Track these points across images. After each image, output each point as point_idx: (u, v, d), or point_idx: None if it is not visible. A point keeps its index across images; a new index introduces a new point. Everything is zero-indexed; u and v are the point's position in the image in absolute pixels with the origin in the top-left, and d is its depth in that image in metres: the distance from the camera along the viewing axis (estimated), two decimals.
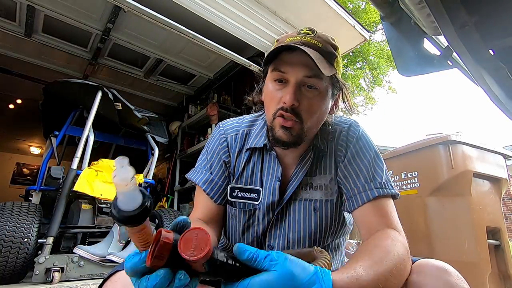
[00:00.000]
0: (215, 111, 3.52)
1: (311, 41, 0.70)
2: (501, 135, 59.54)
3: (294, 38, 0.72)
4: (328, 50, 0.71)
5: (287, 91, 0.69)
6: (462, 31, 0.50)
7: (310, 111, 0.70)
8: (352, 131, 0.80)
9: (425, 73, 0.79)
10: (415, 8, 0.56)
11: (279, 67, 0.71)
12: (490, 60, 0.55)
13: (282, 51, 0.71)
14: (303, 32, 0.73)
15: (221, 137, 0.86)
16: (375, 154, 0.78)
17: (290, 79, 0.70)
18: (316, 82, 0.69)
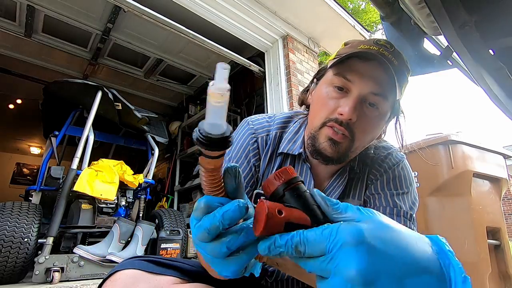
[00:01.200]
0: None
1: (389, 56, 0.62)
2: (501, 135, 59.62)
3: (369, 47, 0.63)
4: (402, 72, 0.64)
5: (347, 103, 0.61)
6: (462, 31, 0.50)
7: (365, 130, 0.63)
8: (394, 157, 0.74)
9: (425, 73, 0.79)
10: (415, 8, 0.56)
11: (345, 74, 0.63)
12: (490, 60, 0.55)
13: (354, 57, 0.62)
14: (380, 43, 0.64)
15: (252, 136, 0.76)
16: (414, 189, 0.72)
17: (354, 91, 0.62)
18: (380, 101, 0.62)
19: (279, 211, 0.33)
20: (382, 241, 0.29)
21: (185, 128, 4.20)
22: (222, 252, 0.33)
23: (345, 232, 0.29)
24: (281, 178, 0.36)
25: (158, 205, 3.95)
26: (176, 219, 2.56)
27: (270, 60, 3.05)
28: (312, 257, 0.31)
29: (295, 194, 0.35)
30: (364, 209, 0.33)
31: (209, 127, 0.31)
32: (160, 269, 0.61)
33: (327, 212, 0.34)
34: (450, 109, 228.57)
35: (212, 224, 0.33)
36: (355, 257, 0.27)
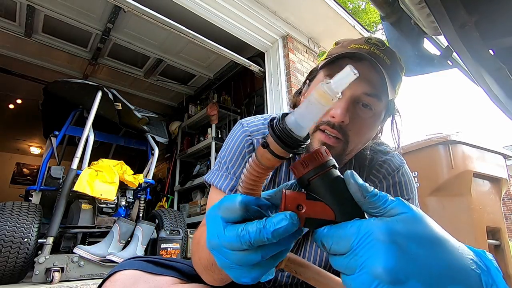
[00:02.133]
0: (215, 111, 3.52)
1: (380, 55, 0.61)
2: (501, 135, 59.62)
3: (360, 47, 0.62)
4: (395, 71, 0.63)
5: (339, 105, 0.59)
6: (462, 31, 0.50)
7: (359, 132, 0.62)
8: (394, 162, 0.72)
9: (425, 73, 0.79)
10: (415, 8, 0.56)
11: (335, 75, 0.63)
12: (490, 60, 0.55)
13: (345, 57, 0.61)
14: (372, 42, 0.63)
15: (247, 138, 0.74)
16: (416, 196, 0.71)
17: (346, 92, 0.60)
18: (374, 102, 0.61)
19: (299, 206, 0.31)
20: (418, 243, 0.27)
21: (185, 128, 4.21)
22: (254, 261, 0.31)
23: (376, 228, 0.28)
24: (306, 166, 0.32)
25: (158, 205, 3.95)
26: (176, 219, 2.56)
27: (270, 60, 3.05)
28: (338, 254, 0.30)
29: (324, 183, 0.32)
30: (407, 203, 0.30)
31: (294, 125, 0.28)
32: (160, 269, 0.61)
33: (362, 204, 0.31)
34: (450, 109, 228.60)
35: (258, 238, 0.29)
36: (384, 254, 0.26)
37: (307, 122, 0.28)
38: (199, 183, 3.56)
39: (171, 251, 2.31)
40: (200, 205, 3.60)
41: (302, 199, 0.32)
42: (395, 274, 0.26)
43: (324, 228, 0.31)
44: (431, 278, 0.26)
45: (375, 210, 0.30)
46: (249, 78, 3.61)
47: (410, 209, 0.29)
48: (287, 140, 0.28)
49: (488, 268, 0.28)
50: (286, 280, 0.74)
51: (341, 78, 0.27)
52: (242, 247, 0.30)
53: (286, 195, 0.31)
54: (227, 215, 0.32)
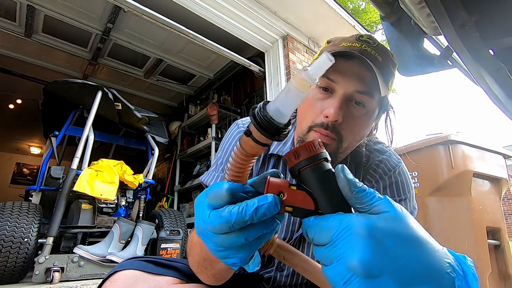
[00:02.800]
0: (215, 111, 3.52)
1: (372, 52, 0.61)
2: (501, 135, 59.58)
3: (351, 45, 0.62)
4: (387, 67, 0.63)
5: (332, 104, 0.59)
6: (462, 31, 0.50)
7: (352, 130, 0.62)
8: (390, 162, 0.72)
9: (425, 73, 0.79)
10: (415, 8, 0.56)
11: (328, 74, 0.61)
12: (490, 60, 0.55)
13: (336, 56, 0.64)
14: (363, 39, 0.63)
15: None
16: (413, 195, 0.71)
17: (338, 90, 0.60)
18: (366, 99, 0.61)
19: (281, 193, 0.32)
20: (396, 241, 0.28)
21: (185, 128, 4.21)
22: (238, 243, 0.32)
23: (357, 223, 0.28)
24: (298, 156, 0.33)
25: (158, 205, 3.95)
26: (176, 219, 2.56)
27: (270, 60, 3.05)
28: (319, 245, 0.31)
29: (313, 174, 0.32)
30: (393, 203, 0.30)
31: (275, 113, 0.29)
32: (160, 269, 0.61)
33: (349, 198, 0.31)
34: (450, 109, 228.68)
35: (239, 218, 0.31)
36: (360, 248, 0.27)
37: (287, 109, 0.29)
38: (199, 183, 3.56)
39: (171, 251, 2.31)
40: None
41: (284, 187, 0.33)
42: (369, 268, 0.26)
43: (309, 219, 0.32)
44: (404, 276, 0.26)
45: (361, 206, 0.30)
46: (249, 78, 3.61)
47: (394, 208, 0.30)
48: (268, 127, 0.29)
49: (464, 274, 0.29)
50: (285, 280, 0.74)
51: (317, 65, 0.28)
52: (224, 229, 0.31)
53: (270, 181, 0.33)
54: (214, 201, 0.33)
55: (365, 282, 0.26)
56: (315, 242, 0.31)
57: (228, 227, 0.31)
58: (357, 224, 0.28)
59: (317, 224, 0.31)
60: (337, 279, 0.28)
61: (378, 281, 0.26)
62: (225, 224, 0.31)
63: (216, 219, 0.32)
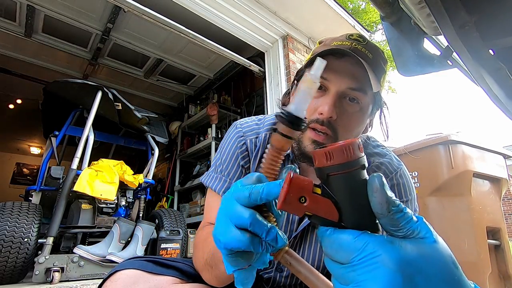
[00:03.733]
0: (215, 111, 3.52)
1: (362, 50, 0.62)
2: (501, 135, 59.61)
3: (342, 43, 0.64)
4: (378, 64, 0.64)
5: (326, 101, 0.61)
6: (462, 31, 0.50)
7: (347, 127, 0.63)
8: (391, 165, 0.72)
9: (425, 73, 0.79)
10: (415, 8, 0.56)
11: None
12: (490, 60, 0.55)
13: (328, 55, 0.62)
14: (353, 38, 0.65)
15: (240, 139, 0.75)
16: (414, 198, 0.71)
17: (331, 88, 0.62)
18: (359, 96, 0.62)
19: (302, 197, 0.29)
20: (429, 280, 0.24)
21: (185, 128, 4.20)
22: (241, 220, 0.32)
23: (385, 253, 0.24)
24: (331, 158, 0.28)
25: (158, 205, 3.95)
26: (176, 219, 2.56)
27: (270, 60, 3.05)
28: (334, 260, 0.28)
29: (345, 184, 0.28)
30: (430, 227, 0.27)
31: (294, 108, 0.34)
32: (160, 269, 0.61)
33: (381, 217, 0.27)
34: (450, 109, 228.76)
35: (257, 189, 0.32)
36: (385, 282, 0.23)
37: (303, 105, 0.35)
38: (199, 183, 3.55)
39: (171, 251, 2.31)
40: (200, 205, 3.60)
41: (308, 190, 0.29)
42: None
43: (327, 230, 0.29)
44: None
45: (394, 229, 0.26)
46: (249, 78, 3.60)
47: (433, 235, 0.26)
48: (290, 120, 0.34)
49: None
50: (284, 281, 0.74)
51: (316, 68, 0.35)
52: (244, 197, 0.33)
53: (292, 180, 0.29)
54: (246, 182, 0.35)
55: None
56: (330, 257, 0.28)
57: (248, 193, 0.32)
58: (386, 254, 0.24)
59: (336, 238, 0.27)
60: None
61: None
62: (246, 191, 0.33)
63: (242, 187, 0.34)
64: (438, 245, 0.26)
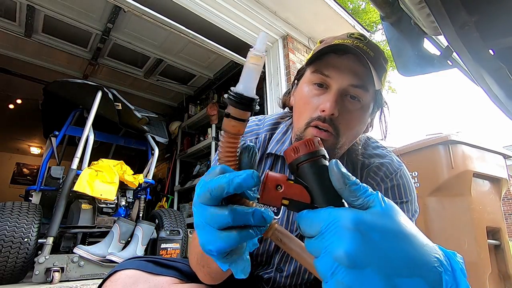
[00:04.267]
0: (215, 111, 3.52)
1: (364, 47, 0.62)
2: (501, 135, 59.67)
3: (343, 41, 0.63)
4: (379, 62, 0.64)
5: (327, 98, 0.60)
6: (462, 31, 0.50)
7: (349, 125, 0.62)
8: (391, 166, 0.72)
9: (425, 73, 0.79)
10: (415, 8, 0.56)
11: (322, 70, 0.62)
12: (490, 60, 0.55)
13: (330, 52, 0.62)
14: (354, 36, 0.64)
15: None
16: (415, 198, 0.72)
17: (333, 85, 0.61)
18: (361, 93, 0.62)
19: (278, 185, 0.34)
20: (382, 235, 0.28)
21: (185, 128, 4.21)
22: (222, 221, 0.31)
23: (345, 216, 0.29)
24: (297, 152, 0.35)
25: (158, 205, 3.95)
26: (176, 219, 2.56)
27: (270, 60, 3.05)
28: (310, 237, 0.31)
29: (310, 170, 0.34)
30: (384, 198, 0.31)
31: (242, 88, 0.33)
32: (160, 269, 0.61)
33: (342, 192, 0.32)
34: (450, 109, 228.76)
35: (218, 184, 0.31)
36: (347, 239, 0.27)
37: (252, 83, 0.33)
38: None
39: (171, 251, 2.31)
40: None
41: (283, 180, 0.34)
42: (354, 259, 0.27)
43: (303, 212, 0.33)
44: (389, 268, 0.27)
45: (354, 199, 0.31)
46: None
47: (381, 203, 0.31)
48: (242, 102, 0.32)
49: (453, 269, 0.29)
50: (284, 281, 0.74)
51: (260, 41, 0.33)
52: (206, 197, 0.32)
53: (268, 174, 0.34)
54: (209, 179, 0.34)
55: (350, 272, 0.27)
56: (306, 234, 0.32)
57: (209, 194, 0.31)
58: (344, 217, 0.29)
59: (309, 216, 0.32)
60: (325, 271, 0.28)
61: (363, 272, 0.27)
62: (205, 191, 0.32)
63: (202, 186, 0.33)
64: (389, 209, 0.30)
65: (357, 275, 0.27)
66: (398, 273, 0.27)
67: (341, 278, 0.27)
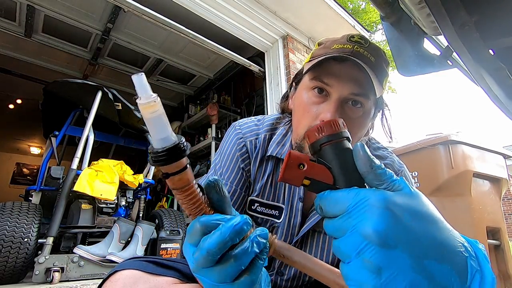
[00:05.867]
0: (215, 111, 3.52)
1: (364, 53, 0.60)
2: (501, 135, 59.73)
3: (343, 46, 0.61)
4: (381, 67, 0.62)
5: (328, 108, 0.58)
6: (462, 31, 0.50)
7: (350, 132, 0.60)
8: (394, 167, 0.71)
9: (425, 73, 0.79)
10: (415, 8, 0.56)
11: (322, 78, 0.60)
12: (490, 60, 0.55)
13: (329, 59, 0.60)
14: (354, 40, 0.61)
15: (239, 141, 0.73)
16: None
17: (333, 94, 0.59)
18: (362, 100, 0.60)
19: (301, 164, 0.33)
20: (412, 215, 0.28)
21: (185, 128, 4.20)
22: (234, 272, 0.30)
23: (374, 196, 0.28)
24: (321, 132, 0.34)
25: (158, 205, 3.95)
26: (176, 219, 2.56)
27: (270, 60, 3.05)
28: (332, 217, 0.31)
29: (333, 151, 0.34)
30: (410, 184, 0.31)
31: (158, 143, 0.29)
32: (160, 269, 0.61)
33: (366, 175, 0.32)
34: (450, 109, 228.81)
35: (219, 241, 0.29)
36: (376, 217, 0.27)
37: (163, 131, 0.29)
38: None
39: (171, 251, 2.31)
40: None
41: (305, 159, 0.34)
42: (384, 237, 0.26)
43: (324, 192, 0.33)
44: (419, 250, 0.27)
45: (379, 183, 0.31)
46: (249, 78, 3.60)
47: (410, 187, 0.30)
48: (169, 157, 0.29)
49: (476, 255, 0.29)
50: (285, 284, 0.74)
51: (139, 86, 0.29)
52: (208, 260, 0.30)
53: (291, 153, 0.33)
54: (194, 240, 0.32)
55: (380, 251, 0.26)
56: (328, 215, 0.31)
57: (211, 256, 0.29)
58: (373, 196, 0.28)
59: (334, 196, 0.31)
60: (350, 250, 0.28)
61: (393, 252, 0.26)
62: (205, 254, 0.29)
63: (197, 254, 0.30)
64: (417, 193, 0.30)
65: (386, 254, 0.26)
66: (427, 255, 0.27)
67: (369, 256, 0.26)
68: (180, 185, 0.31)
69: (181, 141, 0.30)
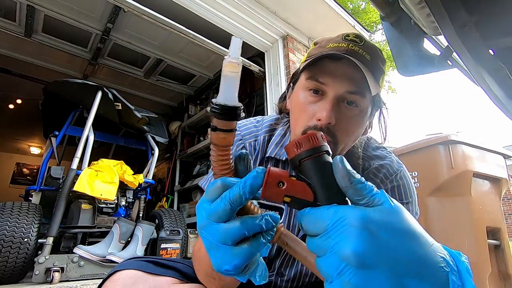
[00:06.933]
0: None
1: (359, 51, 0.60)
2: (501, 135, 59.70)
3: (338, 45, 0.61)
4: (377, 65, 0.62)
5: (324, 107, 0.59)
6: (462, 31, 0.50)
7: (347, 131, 0.61)
8: (391, 167, 0.71)
9: (425, 73, 0.79)
10: (415, 8, 0.56)
11: (317, 77, 0.60)
12: (490, 60, 0.55)
13: (324, 58, 0.60)
14: (350, 38, 0.62)
15: (238, 143, 0.74)
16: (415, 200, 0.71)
17: (329, 93, 0.60)
18: (358, 99, 0.60)
19: (280, 182, 0.33)
20: (390, 233, 0.27)
21: (185, 128, 4.20)
22: (237, 234, 0.31)
23: (352, 214, 0.28)
24: (299, 147, 0.34)
25: (158, 205, 3.95)
26: (176, 219, 2.56)
27: (270, 60, 3.05)
28: (313, 235, 0.30)
29: (313, 166, 0.33)
30: (389, 197, 0.30)
31: (224, 98, 0.32)
32: (160, 269, 0.61)
33: (346, 190, 0.31)
34: (450, 109, 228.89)
35: (235, 194, 0.31)
36: (355, 238, 0.27)
37: (232, 91, 0.32)
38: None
39: (171, 251, 2.31)
40: None
41: (285, 176, 0.33)
42: (362, 258, 0.26)
43: (305, 209, 0.32)
44: (398, 268, 0.26)
45: (359, 198, 0.30)
46: (249, 78, 3.60)
47: (389, 201, 0.30)
48: (226, 113, 0.32)
49: (458, 270, 0.29)
50: (285, 285, 0.74)
51: (234, 48, 0.33)
52: (224, 214, 0.31)
53: (270, 170, 0.33)
54: (212, 196, 0.33)
55: (359, 272, 0.26)
56: (309, 233, 0.31)
57: (229, 206, 0.31)
58: (352, 215, 0.28)
59: (312, 213, 0.31)
60: (331, 270, 0.27)
61: (371, 272, 0.26)
62: (223, 206, 0.31)
63: (218, 203, 0.32)
64: (396, 207, 0.29)
65: (365, 275, 0.26)
66: (407, 274, 0.26)
67: (348, 278, 0.26)
68: (222, 143, 0.33)
69: (241, 107, 0.33)
